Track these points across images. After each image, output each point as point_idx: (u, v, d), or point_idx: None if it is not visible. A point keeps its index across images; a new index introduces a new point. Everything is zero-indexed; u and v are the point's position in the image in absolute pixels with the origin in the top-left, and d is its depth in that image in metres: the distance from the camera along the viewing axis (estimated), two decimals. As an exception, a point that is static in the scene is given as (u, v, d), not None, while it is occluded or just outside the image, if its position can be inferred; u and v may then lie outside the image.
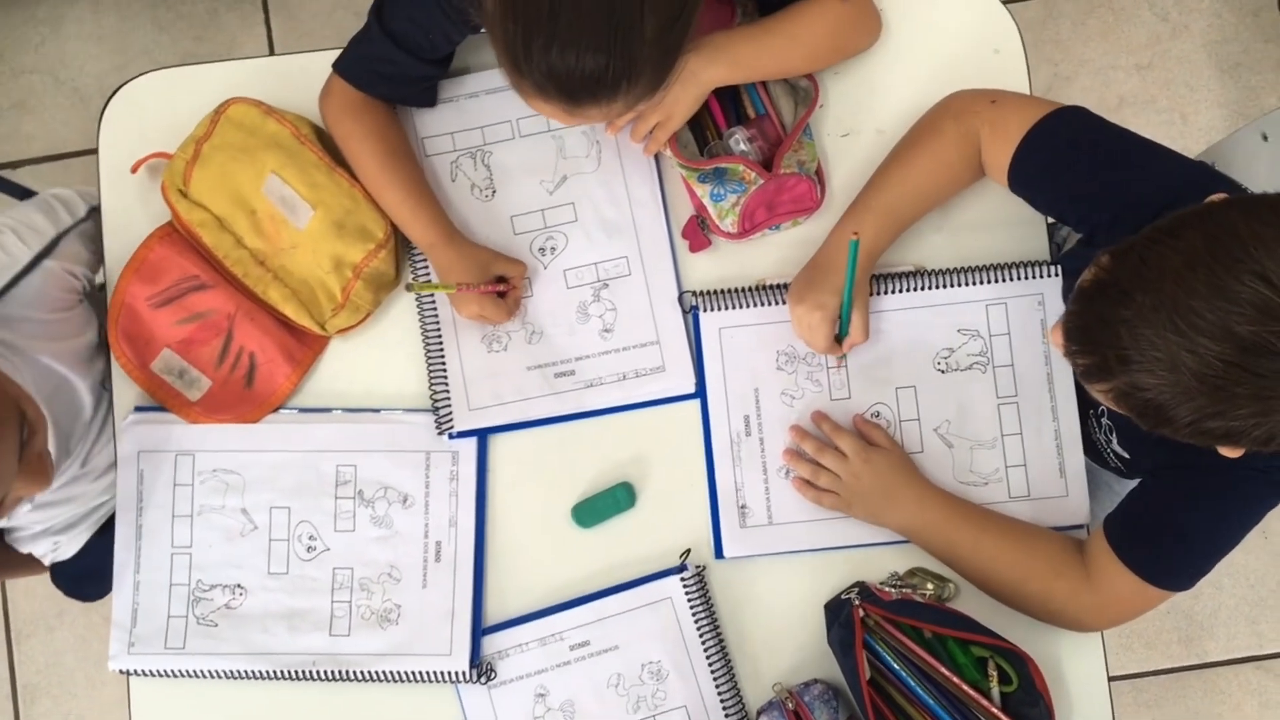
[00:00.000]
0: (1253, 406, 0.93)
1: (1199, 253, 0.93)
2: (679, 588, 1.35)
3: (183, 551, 1.38)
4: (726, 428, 1.39)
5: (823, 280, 1.32)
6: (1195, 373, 0.93)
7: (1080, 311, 1.02)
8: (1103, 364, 0.99)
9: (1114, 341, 0.97)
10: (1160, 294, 0.94)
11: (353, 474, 1.38)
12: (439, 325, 1.40)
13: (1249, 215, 0.94)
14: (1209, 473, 1.17)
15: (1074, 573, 1.28)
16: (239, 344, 1.39)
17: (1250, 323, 0.90)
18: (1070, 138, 1.25)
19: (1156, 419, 0.99)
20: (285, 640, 1.36)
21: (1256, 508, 1.19)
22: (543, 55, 1.08)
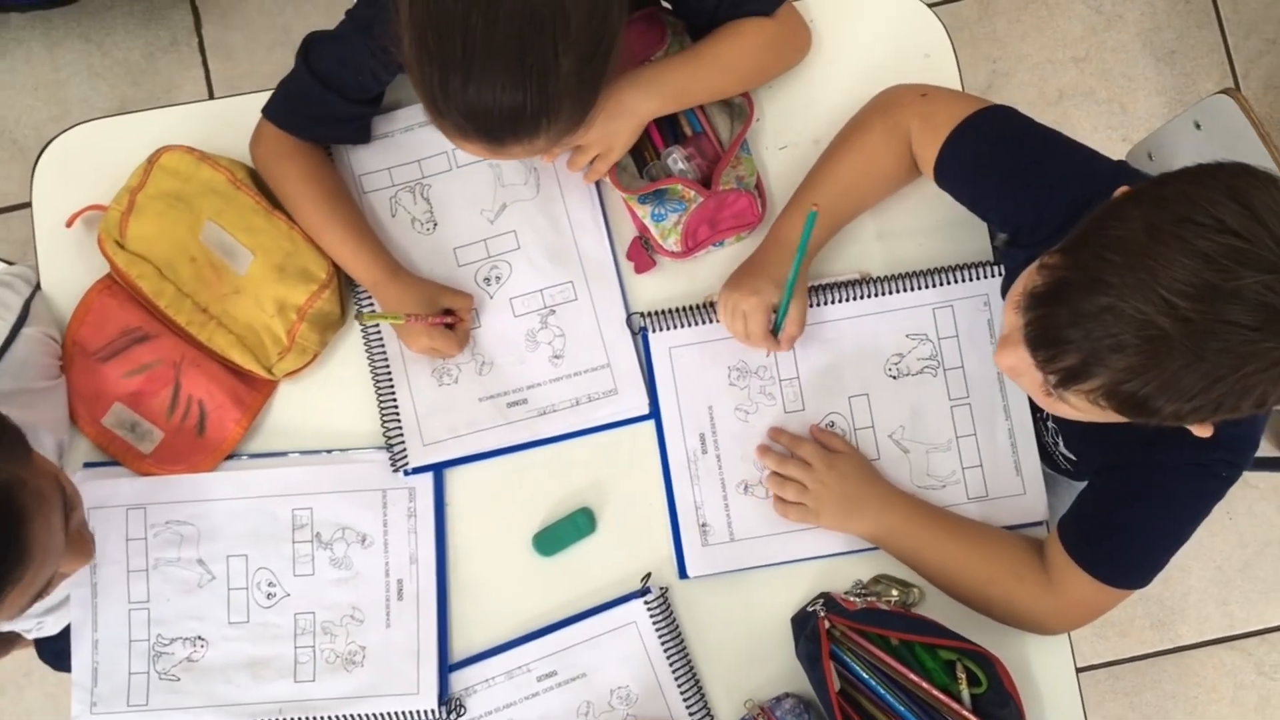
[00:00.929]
0: (1261, 361, 0.91)
1: (1157, 223, 0.93)
2: (643, 611, 1.35)
3: (140, 607, 1.37)
4: (683, 446, 1.39)
5: (759, 270, 1.32)
6: (1181, 340, 0.91)
7: (1047, 315, 0.99)
8: (1084, 362, 0.96)
9: (1090, 336, 0.95)
10: (1134, 270, 0.92)
11: (309, 517, 1.37)
12: (388, 362, 1.39)
13: (1189, 180, 0.95)
14: (1154, 470, 1.18)
15: (1035, 577, 1.29)
16: (187, 393, 1.37)
17: (1230, 275, 0.89)
18: (996, 135, 1.26)
19: (1143, 409, 0.97)
20: (250, 690, 1.34)
21: (1203, 501, 1.19)
22: (459, 95, 1.08)
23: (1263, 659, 2.35)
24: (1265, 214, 0.90)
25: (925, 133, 1.30)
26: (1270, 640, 2.35)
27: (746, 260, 1.37)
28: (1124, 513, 1.22)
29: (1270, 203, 0.91)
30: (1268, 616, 2.36)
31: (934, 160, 1.29)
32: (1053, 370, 1.00)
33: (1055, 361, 0.99)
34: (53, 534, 1.02)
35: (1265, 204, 0.91)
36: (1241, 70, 2.49)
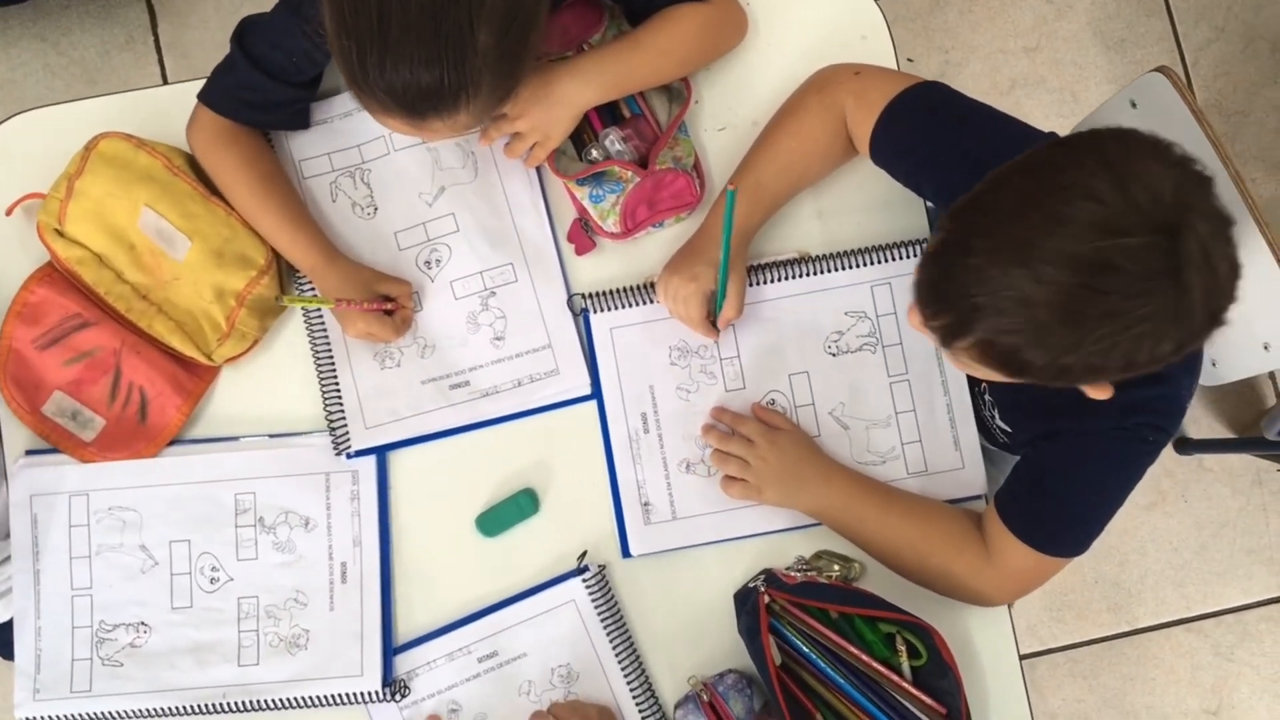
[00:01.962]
0: (1106, 327, 0.95)
1: (1028, 190, 0.97)
2: (581, 589, 1.35)
3: (83, 593, 1.36)
4: (624, 426, 1.40)
5: (696, 254, 1.34)
6: (1046, 303, 0.95)
7: (927, 274, 1.04)
8: (959, 319, 1.01)
9: (965, 292, 0.98)
10: (999, 235, 0.97)
11: (252, 501, 1.37)
12: (329, 346, 1.39)
13: (1065, 148, 0.98)
14: (1081, 436, 1.20)
15: (973, 548, 1.30)
16: (128, 380, 1.37)
17: (1088, 242, 0.92)
18: (928, 110, 1.27)
19: (1018, 365, 1.01)
20: (193, 675, 1.34)
21: (1133, 465, 1.21)
22: (378, 71, 1.09)
23: (1219, 640, 2.37)
24: (1131, 182, 0.93)
25: (859, 110, 1.31)
26: (1226, 622, 2.37)
27: (685, 244, 1.38)
28: (1056, 481, 1.24)
29: (1140, 171, 0.93)
30: (1224, 598, 2.38)
31: (869, 137, 1.30)
32: (933, 327, 1.04)
33: (934, 319, 1.04)
34: None
35: (1133, 172, 0.93)
36: (1191, 58, 2.51)
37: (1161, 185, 0.93)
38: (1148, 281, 0.93)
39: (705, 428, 1.38)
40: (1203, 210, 0.94)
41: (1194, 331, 0.97)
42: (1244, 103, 2.49)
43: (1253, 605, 2.38)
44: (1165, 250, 0.93)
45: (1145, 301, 0.94)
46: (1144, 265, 0.93)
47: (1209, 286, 0.94)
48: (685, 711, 1.31)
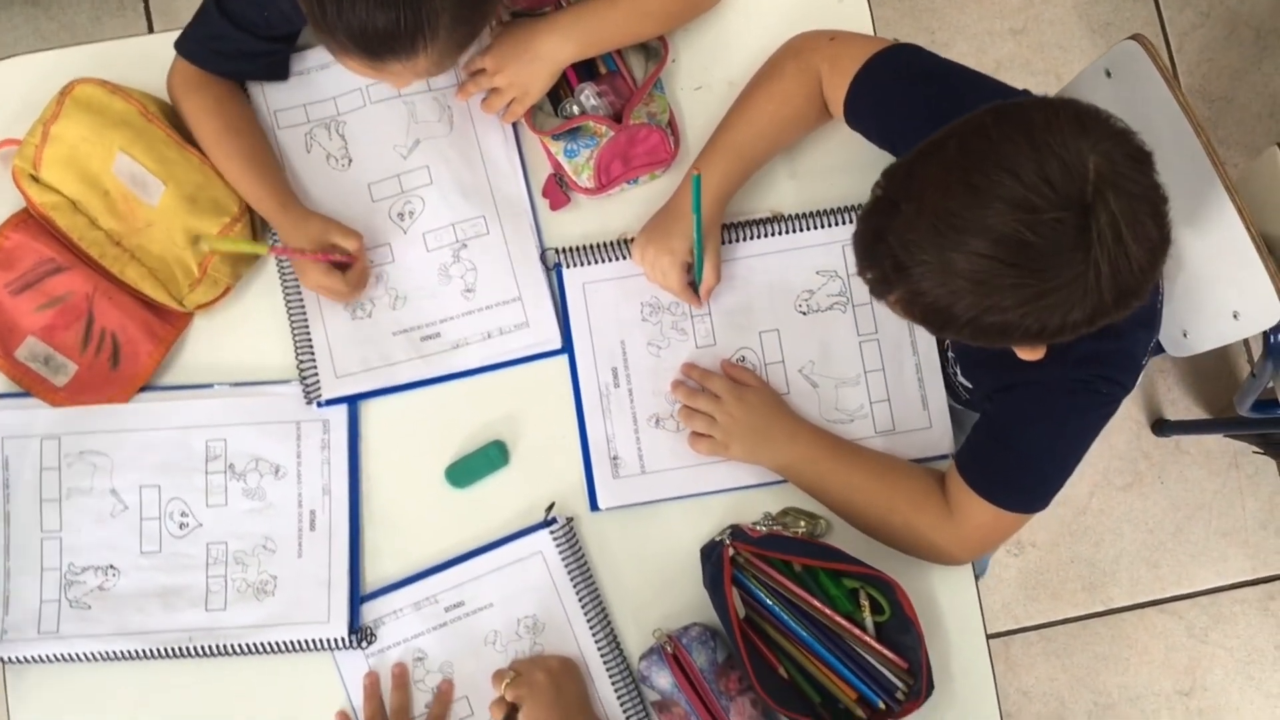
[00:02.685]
0: (1017, 296, 0.97)
1: (954, 158, 0.98)
2: (549, 541, 1.36)
3: (52, 536, 1.37)
4: (595, 381, 1.40)
5: (672, 225, 1.34)
6: (962, 272, 0.97)
7: (861, 230, 1.07)
8: (884, 276, 1.04)
9: (888, 252, 1.01)
10: (923, 201, 0.99)
11: (223, 448, 1.38)
12: (301, 295, 1.40)
13: (1000, 118, 0.98)
14: (1034, 389, 1.21)
15: (935, 505, 1.31)
16: (100, 325, 1.38)
17: (1003, 216, 0.94)
18: (902, 71, 1.28)
19: (941, 322, 1.03)
20: (161, 618, 1.35)
21: (1087, 418, 1.22)
22: (335, 12, 1.10)
23: (1193, 621, 2.38)
24: (1049, 157, 0.94)
25: (834, 74, 1.32)
26: (1201, 603, 2.39)
27: (660, 211, 1.38)
28: (1012, 436, 1.25)
29: (1059, 146, 0.94)
30: (1198, 580, 2.39)
31: (844, 100, 1.31)
32: (864, 280, 1.07)
33: (864, 272, 1.07)
34: None
35: (1052, 147, 0.94)
36: (1175, 43, 2.53)
37: (1081, 160, 0.94)
38: (1055, 256, 0.95)
39: (674, 383, 1.39)
40: (1124, 188, 0.95)
41: (1104, 306, 0.98)
42: (1227, 88, 2.50)
43: (1227, 588, 2.39)
44: (1075, 227, 0.94)
45: (1053, 275, 0.96)
46: (1053, 241, 0.94)
47: (1120, 264, 0.95)
48: (649, 663, 1.32)
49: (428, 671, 1.36)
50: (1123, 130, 0.98)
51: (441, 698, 1.35)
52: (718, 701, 1.30)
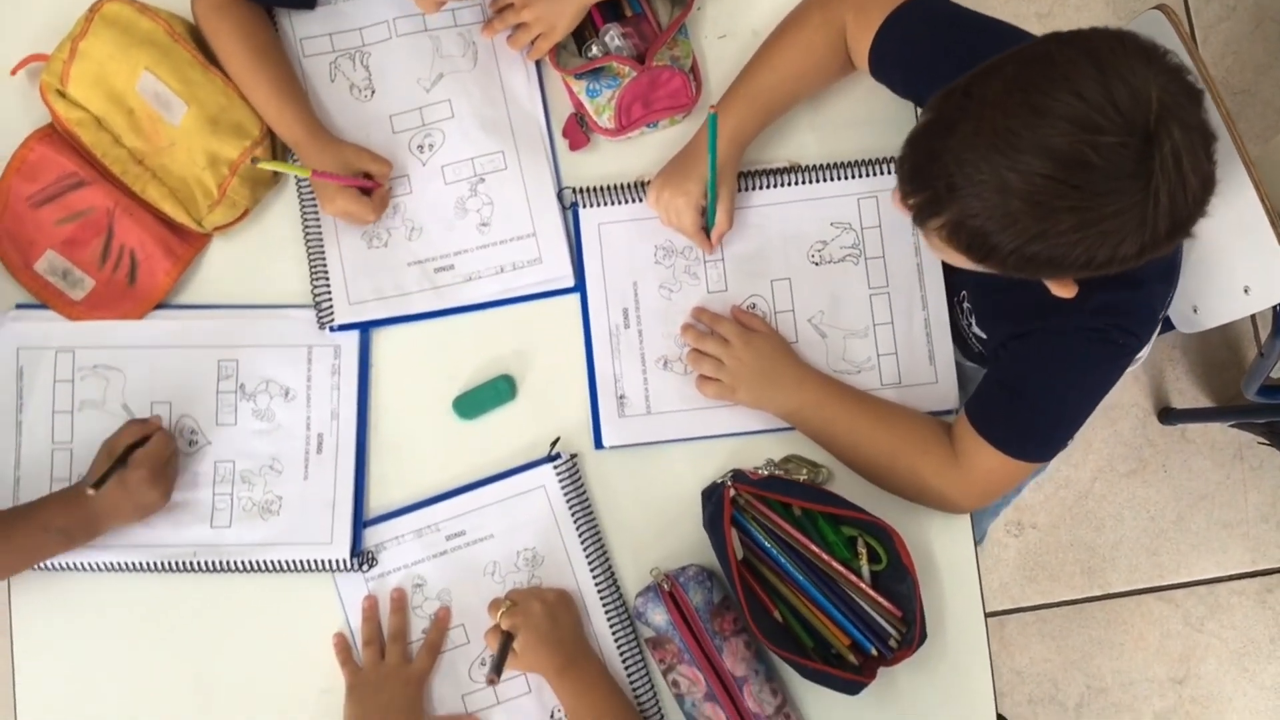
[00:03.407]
0: (1072, 220, 0.97)
1: (1015, 78, 0.98)
2: (552, 476, 1.37)
3: (63, 447, 1.38)
4: (606, 320, 1.41)
5: (688, 168, 1.35)
6: (1018, 191, 0.97)
7: (911, 153, 1.06)
8: (934, 198, 1.03)
9: (942, 173, 1.00)
10: (981, 119, 0.98)
11: (234, 368, 1.39)
12: (319, 221, 1.41)
13: (1064, 43, 0.99)
14: (1050, 336, 1.21)
15: (940, 451, 1.32)
16: (120, 242, 1.39)
17: (1066, 136, 0.94)
18: (929, 20, 1.29)
19: (985, 250, 1.03)
20: (166, 533, 1.36)
21: (1101, 368, 1.22)
22: None
23: (1190, 610, 2.38)
24: (1116, 82, 0.94)
25: (859, 25, 1.33)
26: (1198, 593, 2.39)
27: (677, 154, 1.39)
28: (1026, 383, 1.26)
29: (1126, 72, 0.94)
30: (1197, 569, 2.40)
31: (868, 51, 1.32)
32: (910, 205, 1.07)
33: (911, 196, 1.06)
34: None
35: (1120, 73, 0.94)
36: (1201, 36, 2.52)
37: (1146, 89, 0.94)
38: (1117, 181, 0.95)
39: (684, 326, 1.40)
40: (1184, 120, 0.95)
41: (1157, 237, 0.98)
42: (1251, 82, 2.50)
43: (1225, 578, 2.40)
44: (1138, 153, 0.94)
45: (1112, 200, 0.96)
46: (1116, 165, 0.95)
47: (1177, 195, 0.96)
48: (645, 600, 1.33)
49: (426, 598, 1.37)
50: (1180, 66, 0.98)
51: (438, 624, 1.36)
52: (711, 641, 1.31)
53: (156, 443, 1.32)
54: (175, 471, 1.36)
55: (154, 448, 1.32)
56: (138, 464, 1.30)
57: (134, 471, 1.29)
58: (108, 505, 1.30)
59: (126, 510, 1.31)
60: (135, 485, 1.29)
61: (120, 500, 1.29)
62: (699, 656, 1.31)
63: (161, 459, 1.32)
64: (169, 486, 1.34)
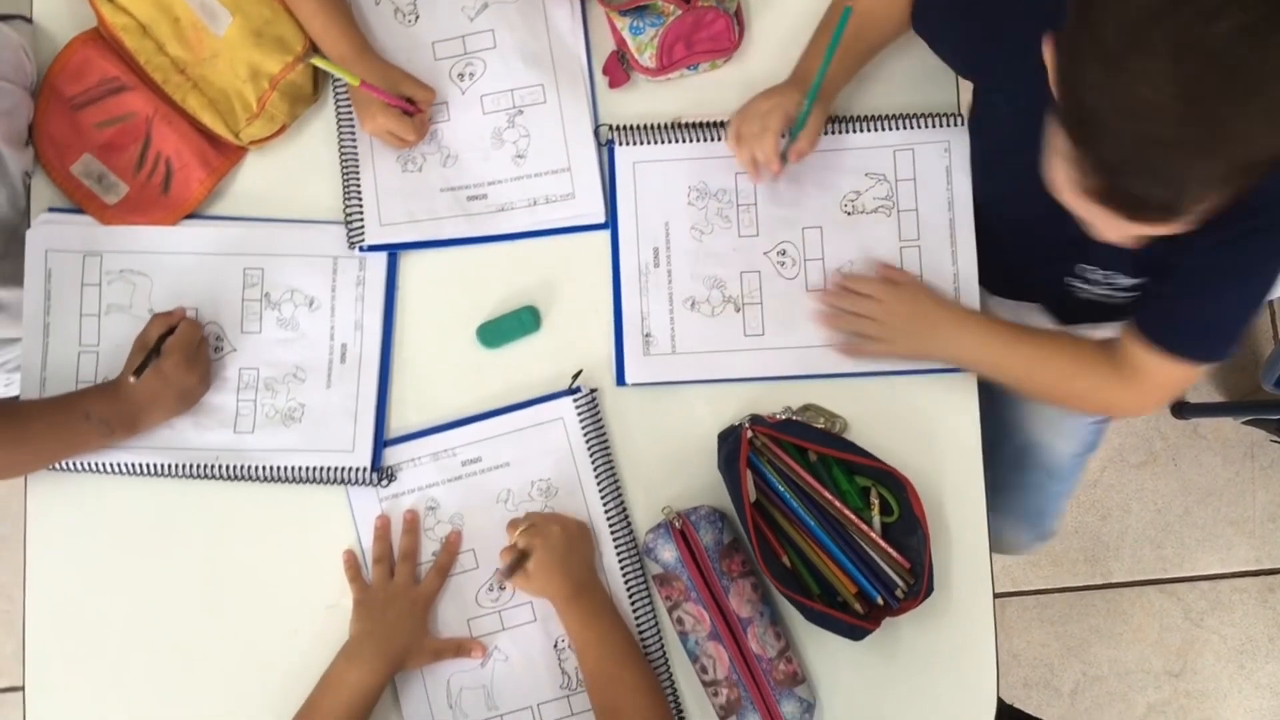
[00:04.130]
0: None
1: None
2: (571, 408, 1.38)
3: (89, 350, 1.39)
4: (635, 258, 1.42)
5: (791, 84, 1.34)
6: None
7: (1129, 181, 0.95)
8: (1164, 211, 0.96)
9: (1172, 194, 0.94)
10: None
11: (260, 277, 1.40)
12: (355, 140, 1.42)
13: None
14: (1215, 246, 1.15)
15: (1110, 370, 1.30)
16: (156, 149, 1.40)
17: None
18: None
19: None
20: (189, 436, 1.37)
21: (1269, 263, 1.19)
22: None
23: (1191, 605, 2.39)
24: None
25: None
26: (1200, 588, 2.39)
27: (778, 86, 1.37)
28: (1194, 289, 1.22)
29: None
30: (1201, 564, 2.40)
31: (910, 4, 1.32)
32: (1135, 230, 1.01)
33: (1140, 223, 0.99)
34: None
35: None
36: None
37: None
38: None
39: (825, 293, 1.40)
40: None
41: None
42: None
43: (1228, 575, 2.40)
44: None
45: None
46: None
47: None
48: (655, 536, 1.34)
49: (438, 521, 1.38)
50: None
51: (449, 548, 1.37)
52: (719, 581, 1.32)
53: (184, 329, 1.34)
54: (208, 358, 1.37)
55: (182, 334, 1.33)
56: (170, 351, 1.31)
57: (168, 359, 1.31)
58: (148, 395, 1.31)
59: (168, 399, 1.32)
60: (171, 371, 1.31)
61: (160, 390, 1.31)
62: (705, 595, 1.31)
63: (192, 344, 1.33)
64: (205, 370, 1.35)
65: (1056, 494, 1.68)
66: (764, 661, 1.31)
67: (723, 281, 1.42)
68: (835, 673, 1.37)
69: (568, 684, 1.35)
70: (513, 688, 1.35)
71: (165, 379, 1.31)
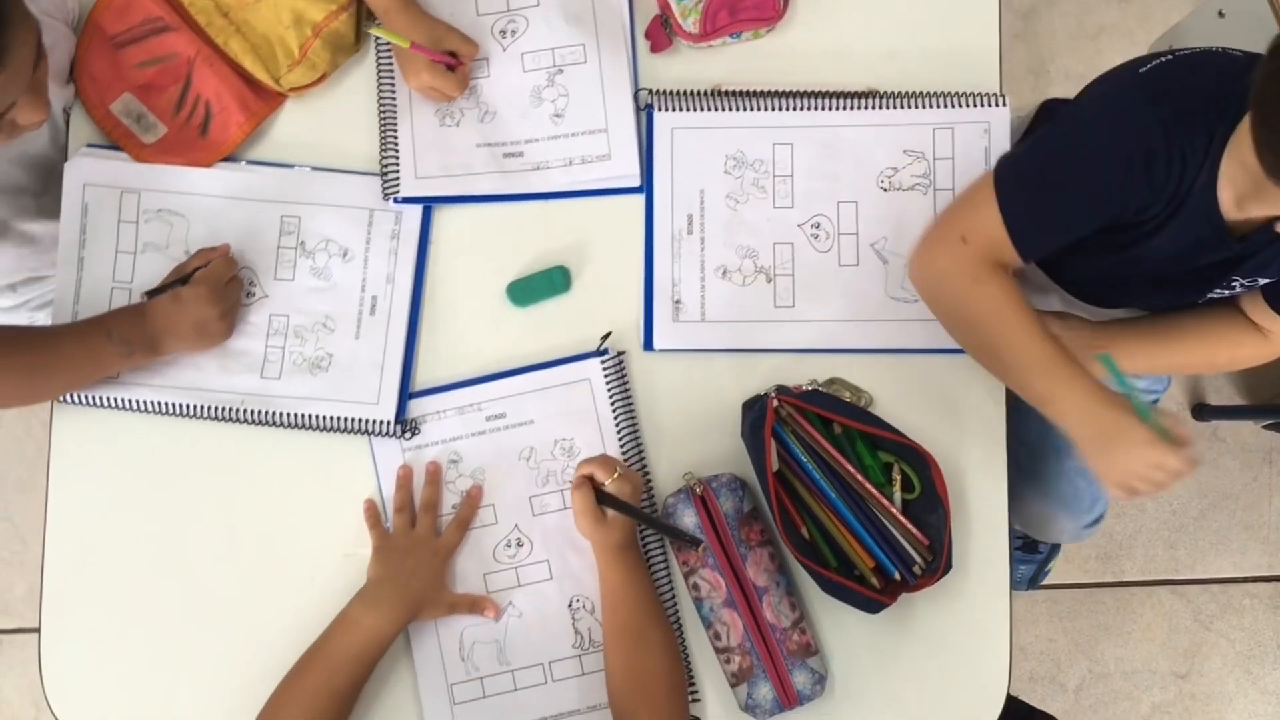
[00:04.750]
0: None
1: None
2: (598, 370, 1.38)
3: (123, 287, 1.40)
4: (669, 224, 1.42)
5: (1120, 427, 1.19)
6: None
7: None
8: None
9: None
10: None
11: (296, 225, 1.40)
12: (394, 93, 1.42)
13: None
14: None
15: (1249, 338, 1.37)
16: (196, 91, 1.40)
17: None
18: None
19: None
20: (216, 379, 1.38)
21: None
22: None
23: (1201, 607, 2.38)
24: None
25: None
26: (1211, 590, 2.39)
27: (1078, 437, 1.22)
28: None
29: None
30: (1213, 568, 2.39)
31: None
32: None
33: None
34: (24, 58, 1.07)
35: None
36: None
37: None
38: None
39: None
40: None
41: None
42: None
43: (1240, 580, 2.39)
44: None
45: None
46: None
47: None
48: (676, 501, 1.34)
49: (460, 474, 1.38)
50: None
51: (470, 501, 1.37)
52: (737, 548, 1.32)
53: (216, 263, 1.34)
54: (235, 299, 1.37)
55: (213, 268, 1.34)
56: (197, 281, 1.32)
57: (192, 288, 1.31)
58: (167, 320, 1.31)
59: (185, 328, 1.32)
60: (191, 300, 1.31)
61: (178, 316, 1.31)
62: (723, 562, 1.31)
63: (221, 279, 1.34)
64: (228, 309, 1.35)
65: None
66: (778, 631, 1.31)
67: (755, 251, 1.41)
68: (848, 647, 1.37)
69: (580, 643, 1.35)
70: (525, 644, 1.35)
71: (184, 307, 1.31)
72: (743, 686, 1.32)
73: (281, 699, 1.25)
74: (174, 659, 1.38)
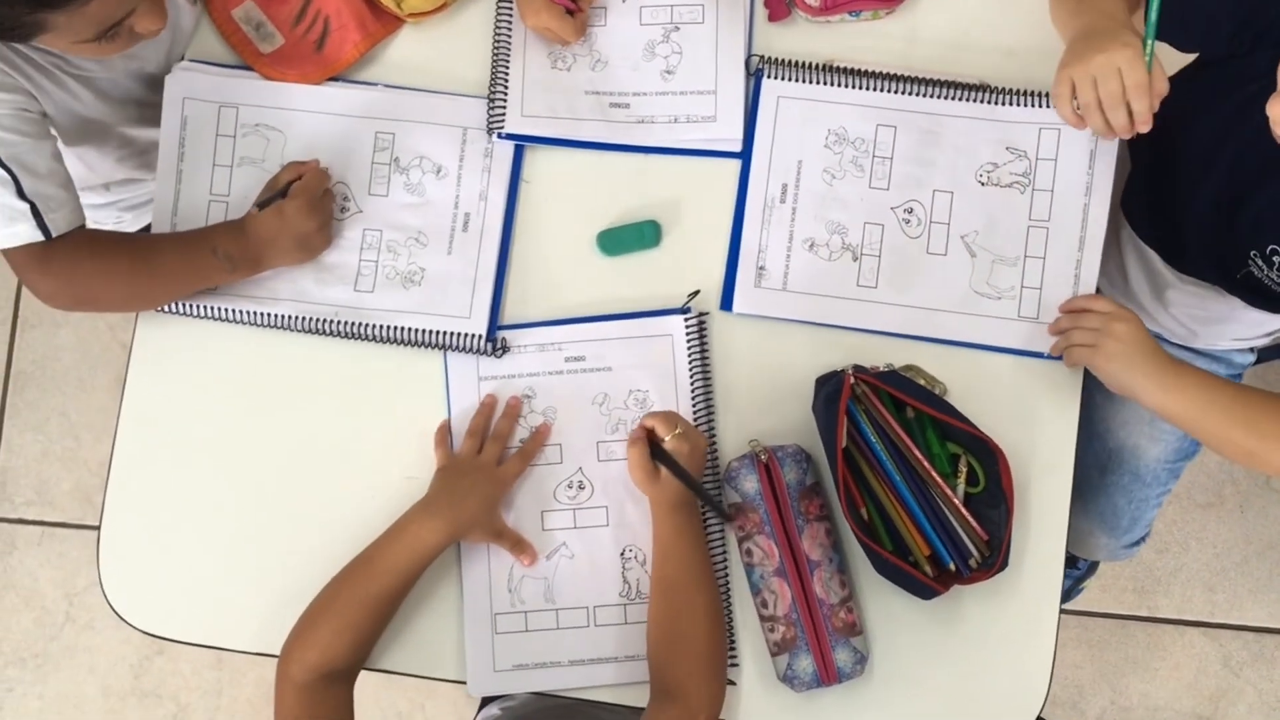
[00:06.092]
0: None
1: None
2: (681, 327, 1.39)
3: (220, 200, 1.42)
4: (763, 190, 1.42)
5: (1112, 30, 1.22)
6: None
7: None
8: None
9: None
10: None
11: (390, 142, 1.42)
12: (511, 28, 1.43)
13: None
14: None
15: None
16: (317, 6, 1.42)
17: None
18: None
19: None
20: (311, 290, 1.39)
21: None
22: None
23: (1232, 654, 2.36)
24: None
25: None
26: (1245, 638, 2.36)
27: (1079, 38, 1.26)
28: None
29: None
30: (1250, 615, 2.37)
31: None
32: None
33: None
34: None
35: None
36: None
37: None
38: None
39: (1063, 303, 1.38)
40: None
41: None
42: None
43: (1276, 630, 2.37)
44: None
45: None
46: None
47: None
48: (740, 465, 1.34)
49: (531, 411, 1.39)
50: None
51: (537, 436, 1.38)
52: (794, 520, 1.32)
53: (310, 176, 1.36)
54: (330, 210, 1.39)
55: (309, 180, 1.35)
56: (295, 194, 1.34)
57: (290, 201, 1.33)
58: (269, 234, 1.33)
59: (286, 242, 1.34)
60: (292, 214, 1.33)
61: (280, 230, 1.33)
62: (779, 531, 1.32)
63: (316, 191, 1.36)
64: (325, 221, 1.37)
65: (1143, 500, 1.66)
66: (825, 606, 1.31)
67: (845, 228, 1.42)
68: (893, 632, 1.37)
69: (627, 593, 1.36)
70: (573, 585, 1.36)
71: (285, 220, 1.33)
72: (783, 657, 1.32)
73: (322, 604, 1.28)
74: (229, 561, 1.40)
